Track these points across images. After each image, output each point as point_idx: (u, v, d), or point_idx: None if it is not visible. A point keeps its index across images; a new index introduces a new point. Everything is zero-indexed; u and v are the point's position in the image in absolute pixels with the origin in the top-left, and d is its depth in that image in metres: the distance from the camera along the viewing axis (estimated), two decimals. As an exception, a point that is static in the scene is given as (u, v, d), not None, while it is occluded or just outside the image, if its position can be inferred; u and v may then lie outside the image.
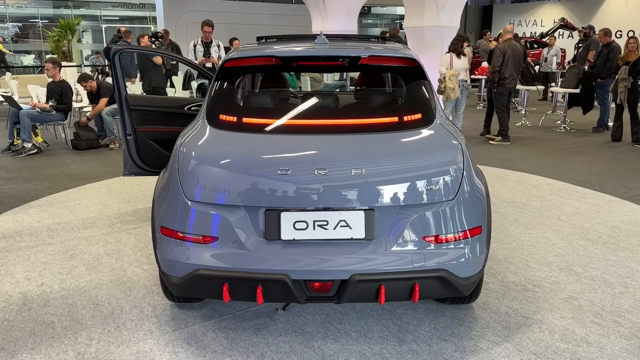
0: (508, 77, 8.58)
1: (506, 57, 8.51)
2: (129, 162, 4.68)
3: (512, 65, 8.57)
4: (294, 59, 2.97)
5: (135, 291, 3.53)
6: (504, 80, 8.60)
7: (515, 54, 8.58)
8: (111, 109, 8.34)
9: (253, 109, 3.12)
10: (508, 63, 8.53)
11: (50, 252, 4.21)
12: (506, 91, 8.77)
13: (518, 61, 8.69)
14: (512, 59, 8.53)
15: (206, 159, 2.74)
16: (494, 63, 8.62)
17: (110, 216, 5.07)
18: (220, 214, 2.65)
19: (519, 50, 8.70)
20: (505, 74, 8.55)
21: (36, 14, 27.14)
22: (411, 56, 3.01)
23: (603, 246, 4.31)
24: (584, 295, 3.47)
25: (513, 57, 8.54)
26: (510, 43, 8.63)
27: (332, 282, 2.64)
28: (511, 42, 8.68)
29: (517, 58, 8.65)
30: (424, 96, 3.01)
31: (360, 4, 12.89)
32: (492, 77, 8.71)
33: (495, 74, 8.58)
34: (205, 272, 2.64)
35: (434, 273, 2.63)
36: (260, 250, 2.64)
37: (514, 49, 8.59)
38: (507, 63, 8.53)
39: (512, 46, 8.59)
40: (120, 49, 4.51)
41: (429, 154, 2.78)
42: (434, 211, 2.67)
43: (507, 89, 8.74)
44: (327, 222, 2.64)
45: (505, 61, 8.53)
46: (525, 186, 6.10)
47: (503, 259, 4.04)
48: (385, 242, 2.64)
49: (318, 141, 2.77)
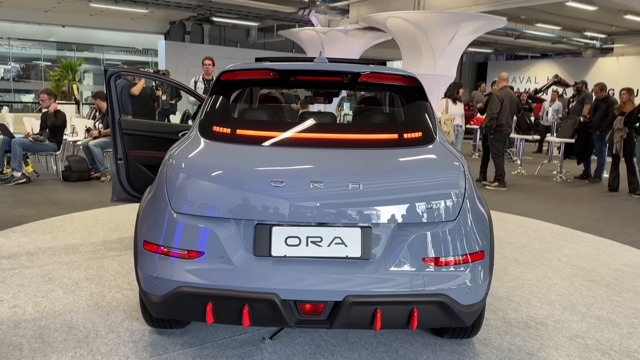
0: (505, 124, 8.60)
1: (504, 104, 8.55)
2: (118, 188, 4.52)
3: (509, 113, 8.61)
4: (292, 72, 2.89)
5: (113, 316, 3.31)
6: (501, 127, 8.60)
7: (512, 101, 8.64)
8: (100, 142, 8.23)
9: (248, 122, 3.01)
10: (505, 110, 8.56)
11: (27, 275, 3.99)
12: (503, 137, 8.76)
13: (514, 109, 8.74)
14: (509, 106, 8.57)
15: (196, 169, 2.60)
16: (492, 110, 8.64)
17: (95, 243, 4.87)
18: (207, 227, 2.49)
19: (515, 98, 8.78)
20: (502, 121, 8.57)
21: (39, 55, 27.51)
22: (412, 75, 2.94)
23: (607, 287, 4.13)
24: (590, 335, 3.27)
25: (510, 105, 8.59)
26: (507, 91, 8.70)
27: (325, 305, 2.45)
28: (507, 89, 8.75)
29: (513, 106, 8.72)
30: (425, 116, 2.91)
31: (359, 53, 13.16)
32: (489, 123, 8.71)
33: (493, 120, 8.58)
34: (188, 290, 2.45)
35: (434, 298, 2.45)
36: (249, 267, 2.46)
37: (511, 96, 8.66)
38: (504, 110, 8.56)
39: (508, 94, 8.65)
40: (117, 72, 4.45)
41: (429, 172, 2.66)
42: (434, 232, 2.52)
43: (504, 136, 8.74)
44: (321, 239, 2.48)
45: (502, 108, 8.56)
46: (524, 229, 5.96)
47: (504, 296, 3.85)
48: (383, 263, 2.48)
49: (315, 154, 2.65)
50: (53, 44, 27.40)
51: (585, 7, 14.86)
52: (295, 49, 22.19)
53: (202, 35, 21.01)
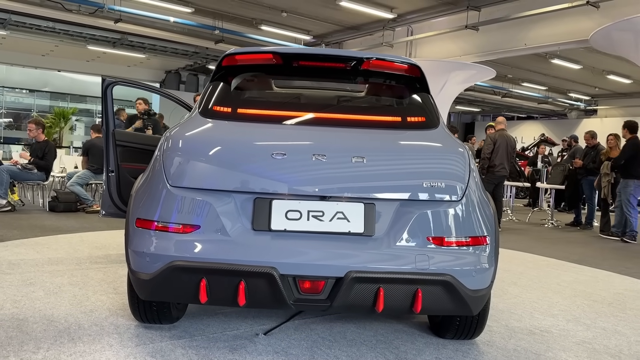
0: (498, 165, 8.58)
1: (496, 145, 8.58)
2: (108, 202, 4.39)
3: (503, 154, 8.59)
4: (295, 57, 2.88)
5: (97, 313, 3.12)
6: (493, 167, 8.60)
7: (507, 144, 8.62)
8: (77, 179, 8.11)
9: (250, 102, 2.97)
10: (498, 152, 8.57)
11: (7, 279, 3.79)
12: (495, 179, 8.71)
13: (509, 152, 8.70)
14: (502, 147, 8.57)
15: (194, 143, 2.54)
16: (484, 150, 8.67)
17: (80, 257, 4.69)
18: (205, 200, 2.39)
19: (510, 140, 8.75)
20: (495, 162, 8.57)
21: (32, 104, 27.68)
22: (415, 64, 2.95)
23: (609, 305, 4.01)
24: (597, 341, 3.14)
25: (504, 147, 8.58)
26: (502, 133, 8.74)
27: (326, 282, 2.33)
28: (503, 132, 8.79)
29: (508, 148, 8.67)
30: (427, 103, 2.90)
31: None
32: (481, 163, 8.73)
33: (485, 160, 8.60)
34: (181, 264, 2.32)
35: (439, 277, 2.34)
36: (246, 240, 2.35)
37: (506, 138, 8.67)
38: (497, 151, 8.58)
39: (503, 136, 8.68)
40: (114, 81, 4.43)
41: (435, 153, 2.62)
42: (440, 210, 2.44)
43: (496, 177, 8.68)
44: (323, 213, 2.39)
45: (495, 149, 8.58)
46: (520, 260, 5.86)
47: (505, 309, 3.71)
48: (386, 240, 2.38)
49: (318, 132, 2.61)
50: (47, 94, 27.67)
51: (570, 65, 15.40)
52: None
53: (197, 85, 21.36)
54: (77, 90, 27.02)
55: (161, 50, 17.02)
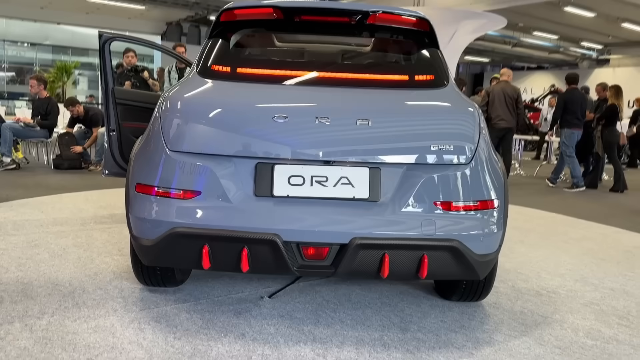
0: (494, 117, 8.29)
1: (491, 97, 8.33)
2: (110, 162, 4.32)
3: (501, 106, 8.30)
4: (296, 11, 2.74)
5: (101, 276, 3.12)
6: (490, 120, 8.35)
7: (504, 95, 8.30)
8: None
9: (250, 61, 2.85)
10: (494, 103, 8.29)
11: (12, 241, 3.79)
12: (496, 132, 8.43)
13: (508, 102, 8.39)
14: (498, 99, 8.28)
15: (193, 105, 2.44)
16: (480, 104, 8.43)
17: (84, 217, 4.68)
18: (206, 165, 2.32)
19: (508, 91, 8.39)
20: (491, 114, 8.32)
21: (34, 58, 27.34)
22: (424, 17, 2.80)
23: (618, 265, 3.97)
24: (605, 302, 3.11)
25: (500, 98, 8.28)
26: (500, 85, 8.45)
27: (330, 248, 2.28)
28: (502, 84, 8.49)
29: (507, 99, 8.33)
30: (436, 60, 2.77)
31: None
32: None
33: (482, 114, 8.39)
34: (183, 230, 2.28)
35: (446, 243, 2.29)
36: (249, 207, 2.29)
37: (503, 89, 8.35)
38: (492, 103, 8.30)
39: (499, 88, 8.36)
40: (112, 37, 4.27)
41: (443, 113, 2.52)
42: (447, 174, 2.36)
43: (497, 130, 8.40)
44: (327, 179, 2.31)
45: (490, 101, 8.32)
46: (528, 216, 5.81)
47: (512, 269, 3.68)
48: (392, 205, 2.31)
49: (321, 92, 2.50)
50: (48, 47, 27.27)
51: (583, 13, 14.89)
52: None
53: (198, 37, 20.94)
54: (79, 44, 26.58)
55: (161, 1, 16.59)
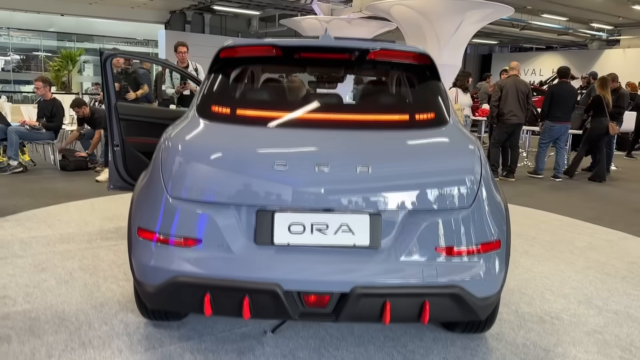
0: (507, 113, 8.32)
1: (504, 92, 8.31)
2: (115, 176, 4.35)
3: (512, 101, 8.32)
4: (296, 49, 2.71)
5: (107, 307, 3.15)
6: (502, 116, 8.37)
7: (516, 89, 8.33)
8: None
9: (249, 102, 2.83)
10: (507, 98, 8.30)
11: (19, 264, 3.84)
12: (507, 128, 8.48)
13: (520, 97, 8.42)
14: (511, 94, 8.29)
15: (193, 150, 2.44)
16: (492, 97, 8.46)
17: (91, 232, 4.72)
18: (206, 213, 2.32)
19: (521, 86, 8.43)
20: (504, 110, 8.33)
21: (39, 45, 27.29)
22: (424, 52, 2.76)
23: (622, 280, 3.97)
24: (608, 330, 3.11)
25: (513, 93, 8.30)
26: (511, 79, 8.44)
27: (331, 296, 2.29)
28: (513, 78, 8.49)
29: (519, 94, 8.38)
30: (438, 96, 2.73)
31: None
32: (491, 111, 8.53)
33: (493, 108, 8.38)
34: (184, 279, 2.29)
35: (447, 290, 2.29)
36: (249, 256, 2.30)
37: (516, 84, 8.38)
38: (505, 98, 8.31)
39: (513, 82, 8.38)
40: (113, 54, 4.27)
41: (443, 155, 2.49)
42: (448, 219, 2.35)
43: (508, 125, 8.45)
44: (327, 226, 2.31)
45: (503, 96, 8.31)
46: (533, 221, 5.79)
47: (516, 289, 3.68)
48: (393, 252, 2.31)
49: (320, 136, 2.48)
50: (53, 34, 27.19)
51: (593, -4, 14.60)
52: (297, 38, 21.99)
53: (202, 25, 20.77)
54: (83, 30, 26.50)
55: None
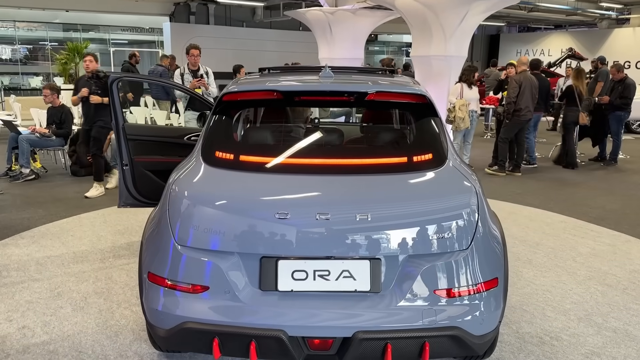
0: (524, 109, 8.40)
1: (522, 88, 8.34)
2: (125, 194, 4.48)
3: (528, 97, 8.40)
4: (296, 93, 2.78)
5: (122, 337, 3.28)
6: (519, 111, 8.40)
7: (531, 85, 8.44)
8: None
9: (251, 146, 2.91)
10: (524, 95, 8.35)
11: (36, 289, 3.98)
12: (520, 124, 8.56)
13: (533, 93, 8.51)
14: (527, 90, 8.37)
15: (199, 200, 2.53)
16: (509, 93, 8.42)
17: (103, 249, 4.85)
18: (212, 261, 2.43)
19: (534, 81, 8.55)
20: (520, 105, 8.36)
21: (45, 37, 27.36)
22: (421, 92, 2.81)
23: (623, 292, 4.04)
24: (606, 351, 3.20)
25: (529, 89, 8.39)
26: (525, 75, 8.49)
27: (334, 340, 2.39)
28: (526, 73, 8.55)
29: (533, 90, 8.49)
30: (435, 135, 2.80)
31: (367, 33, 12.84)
32: (507, 108, 8.50)
33: (511, 104, 8.37)
34: (193, 326, 2.40)
35: (446, 331, 2.38)
36: (255, 303, 2.40)
37: (530, 80, 8.45)
38: (522, 95, 8.36)
39: (527, 77, 8.44)
40: (119, 77, 4.36)
41: (440, 199, 2.56)
42: (447, 262, 2.43)
43: (521, 121, 8.53)
44: (329, 272, 2.41)
45: (520, 93, 8.35)
46: (538, 223, 5.85)
47: (517, 306, 3.77)
48: (393, 296, 2.40)
49: (320, 182, 2.56)
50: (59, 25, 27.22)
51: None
52: (302, 27, 21.81)
53: (207, 16, 20.70)
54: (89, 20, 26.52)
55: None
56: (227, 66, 13.48)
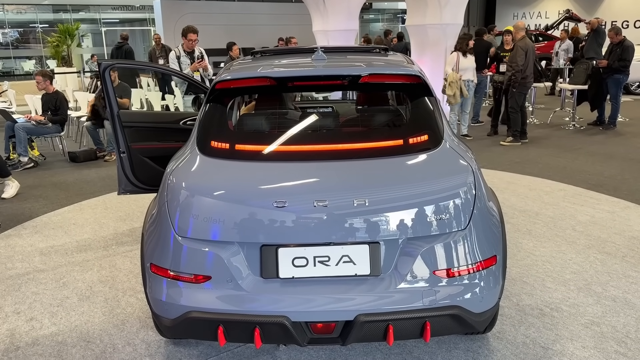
0: (529, 76, 8.34)
1: (527, 55, 8.23)
2: (124, 181, 4.49)
3: (531, 63, 8.35)
4: (289, 79, 2.76)
5: (128, 325, 3.34)
6: (525, 79, 8.31)
7: (533, 51, 8.38)
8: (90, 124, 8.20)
9: (246, 134, 2.91)
10: (529, 62, 8.27)
11: (42, 280, 4.03)
12: (526, 90, 8.50)
13: (535, 58, 8.49)
14: (530, 57, 8.29)
15: (197, 192, 2.53)
16: (518, 61, 8.17)
17: (106, 237, 4.89)
18: (213, 251, 2.45)
19: (533, 47, 8.48)
20: (526, 72, 8.28)
21: (35, 19, 27.00)
22: (415, 72, 2.79)
23: (622, 260, 4.08)
24: (605, 320, 3.25)
25: (531, 55, 8.32)
26: (527, 41, 8.38)
27: (336, 323, 2.43)
28: (527, 39, 8.43)
29: (534, 55, 8.45)
30: (431, 115, 2.78)
31: (361, 2, 12.63)
32: (514, 76, 8.28)
33: (520, 72, 8.21)
34: (198, 315, 2.44)
35: (447, 311, 2.42)
36: (257, 290, 2.43)
37: (532, 46, 8.39)
38: (528, 61, 8.27)
39: (528, 44, 8.34)
40: (111, 64, 4.31)
41: (437, 180, 2.56)
42: (445, 242, 2.45)
43: (527, 88, 8.49)
44: (329, 258, 2.43)
45: (526, 59, 8.26)
46: (537, 192, 5.87)
47: (517, 277, 3.82)
48: (393, 278, 2.43)
49: (317, 169, 2.56)
50: (48, 7, 26.84)
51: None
52: (295, -1, 21.50)
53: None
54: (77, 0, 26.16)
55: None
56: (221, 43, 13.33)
